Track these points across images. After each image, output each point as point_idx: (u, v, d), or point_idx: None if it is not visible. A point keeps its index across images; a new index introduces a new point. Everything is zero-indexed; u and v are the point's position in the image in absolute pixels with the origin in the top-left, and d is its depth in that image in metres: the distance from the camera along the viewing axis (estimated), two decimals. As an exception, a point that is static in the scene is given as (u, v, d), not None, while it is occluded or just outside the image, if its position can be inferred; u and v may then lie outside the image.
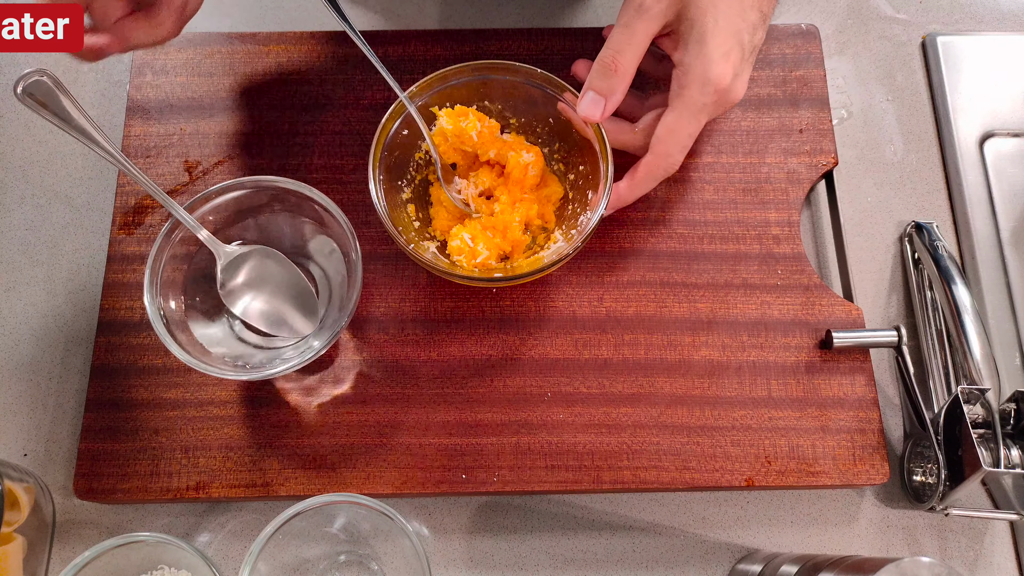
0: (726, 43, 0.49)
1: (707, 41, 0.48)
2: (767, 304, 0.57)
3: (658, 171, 0.53)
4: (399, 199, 0.56)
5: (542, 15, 0.69)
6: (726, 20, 0.49)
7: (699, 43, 0.49)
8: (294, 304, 0.54)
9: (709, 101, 0.50)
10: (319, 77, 0.62)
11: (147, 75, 0.62)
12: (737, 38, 0.49)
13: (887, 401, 0.57)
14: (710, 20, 0.48)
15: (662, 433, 0.54)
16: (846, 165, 0.64)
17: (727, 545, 0.54)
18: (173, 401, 0.54)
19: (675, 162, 0.52)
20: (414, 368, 0.55)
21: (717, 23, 0.49)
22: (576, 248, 0.51)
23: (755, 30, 0.51)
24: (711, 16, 0.48)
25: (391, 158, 0.55)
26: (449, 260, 0.55)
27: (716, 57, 0.49)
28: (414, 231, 0.56)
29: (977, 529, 0.55)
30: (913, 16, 0.69)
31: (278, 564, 0.48)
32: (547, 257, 0.55)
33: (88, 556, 0.45)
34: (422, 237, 0.56)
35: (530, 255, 0.56)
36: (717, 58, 0.49)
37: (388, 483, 0.52)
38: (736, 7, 0.49)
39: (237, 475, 0.52)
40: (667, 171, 0.53)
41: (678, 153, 0.52)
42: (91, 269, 0.60)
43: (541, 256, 0.55)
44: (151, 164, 0.60)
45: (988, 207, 0.62)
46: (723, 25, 0.49)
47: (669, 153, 0.52)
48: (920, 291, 0.59)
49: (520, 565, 0.54)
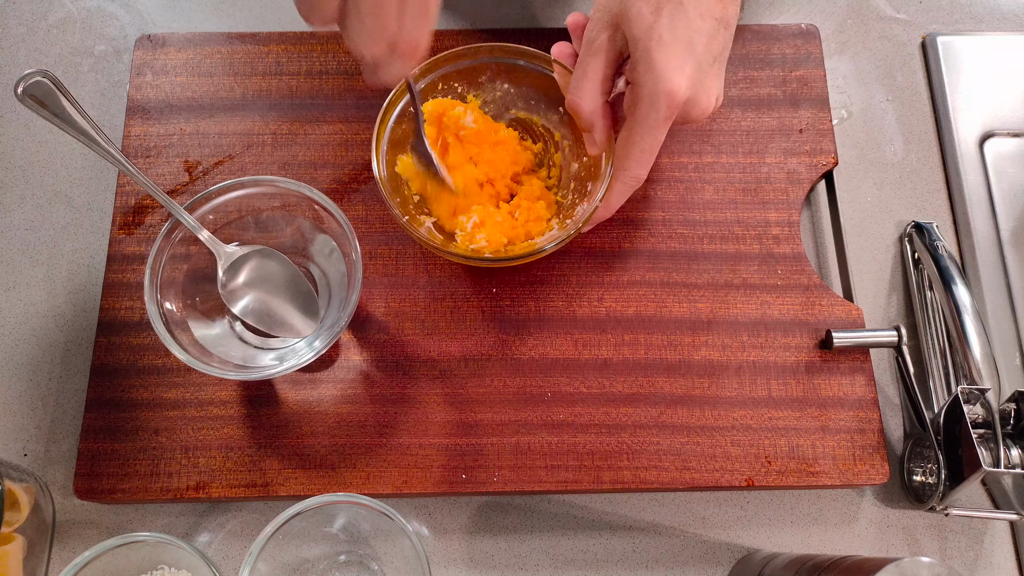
0: (676, 57, 0.47)
1: (653, 57, 0.47)
2: (767, 304, 0.57)
3: (622, 186, 0.53)
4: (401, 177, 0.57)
5: (543, 15, 0.69)
6: (672, 34, 0.47)
7: (646, 60, 0.48)
8: (294, 304, 0.54)
9: (662, 116, 0.49)
10: (319, 77, 0.62)
11: (147, 75, 0.62)
12: (689, 49, 0.48)
13: (887, 401, 0.57)
14: (654, 37, 0.47)
15: (662, 433, 0.54)
16: (846, 165, 0.64)
17: (727, 545, 0.54)
18: (173, 401, 0.54)
19: (636, 175, 0.52)
20: (414, 368, 0.55)
21: (662, 38, 0.47)
22: (569, 236, 0.52)
23: (711, 38, 0.49)
24: (655, 33, 0.47)
25: (398, 130, 0.55)
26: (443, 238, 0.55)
27: (666, 72, 0.47)
28: (412, 205, 0.56)
29: (977, 529, 0.55)
30: (913, 16, 0.69)
31: (278, 564, 0.48)
32: (539, 242, 0.55)
33: (88, 556, 0.44)
34: (420, 212, 0.57)
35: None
36: (667, 73, 0.47)
37: (388, 483, 0.52)
38: (682, 18, 0.48)
39: (237, 475, 0.52)
40: (631, 184, 0.53)
41: (636, 167, 0.52)
42: (91, 269, 0.60)
43: (534, 241, 0.55)
44: (151, 164, 0.60)
45: (988, 207, 0.62)
46: (669, 39, 0.47)
47: (626, 168, 0.52)
48: (920, 291, 0.59)
49: (520, 565, 0.54)
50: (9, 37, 0.67)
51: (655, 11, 0.48)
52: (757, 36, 0.64)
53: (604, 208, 0.54)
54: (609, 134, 0.52)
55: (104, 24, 0.68)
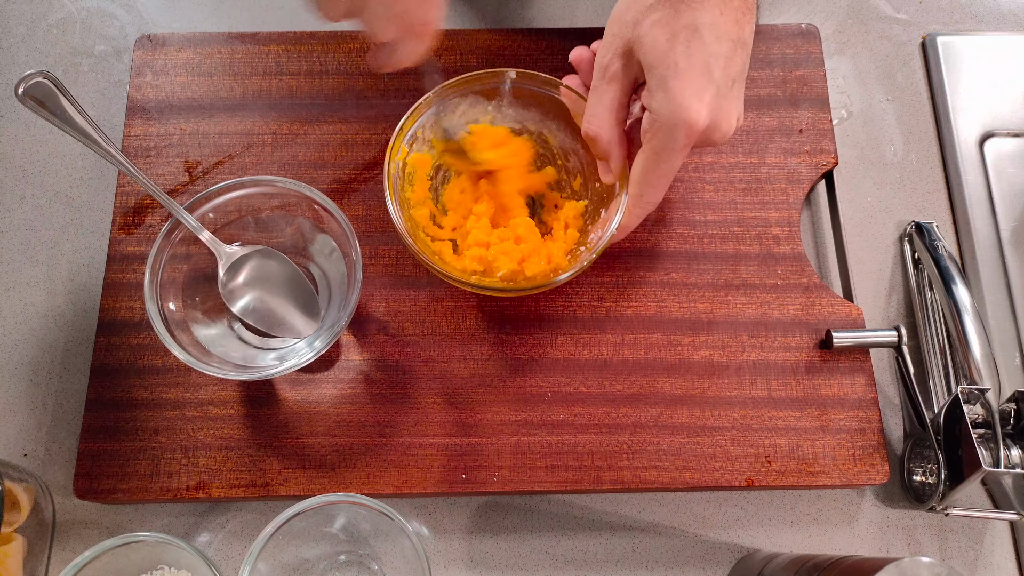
0: (694, 83, 0.46)
1: (670, 86, 0.46)
2: (767, 304, 0.57)
3: (639, 211, 0.52)
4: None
5: (542, 15, 0.69)
6: (687, 60, 0.46)
7: (663, 89, 0.46)
8: (295, 304, 0.54)
9: (680, 145, 0.47)
10: (319, 77, 0.62)
11: (147, 75, 0.62)
12: (707, 76, 0.46)
13: (887, 401, 0.57)
14: (670, 65, 0.46)
15: (662, 433, 0.54)
16: (846, 165, 0.64)
17: (727, 545, 0.54)
18: (173, 401, 0.54)
19: (653, 201, 0.51)
20: (414, 368, 0.55)
21: (678, 66, 0.46)
22: (582, 267, 0.51)
23: (729, 61, 0.47)
24: (671, 60, 0.46)
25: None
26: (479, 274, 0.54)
27: (684, 100, 0.46)
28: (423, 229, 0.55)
29: (977, 529, 0.55)
30: (913, 16, 0.69)
31: (278, 564, 0.48)
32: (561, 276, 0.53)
33: (88, 556, 0.44)
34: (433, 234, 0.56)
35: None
36: (686, 101, 0.46)
37: (388, 483, 0.52)
38: (698, 44, 0.46)
39: (237, 475, 0.52)
40: (648, 209, 0.52)
41: (653, 193, 0.51)
42: (91, 269, 0.60)
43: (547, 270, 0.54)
44: (151, 164, 0.60)
45: (988, 207, 0.62)
46: (685, 66, 0.46)
47: (643, 194, 0.51)
48: (920, 291, 0.59)
49: (520, 565, 0.54)
50: (9, 37, 0.67)
51: (671, 38, 0.46)
52: (757, 36, 0.63)
53: (619, 232, 0.52)
54: (625, 163, 0.51)
55: (104, 24, 0.68)
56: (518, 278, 0.53)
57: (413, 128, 0.54)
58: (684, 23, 0.46)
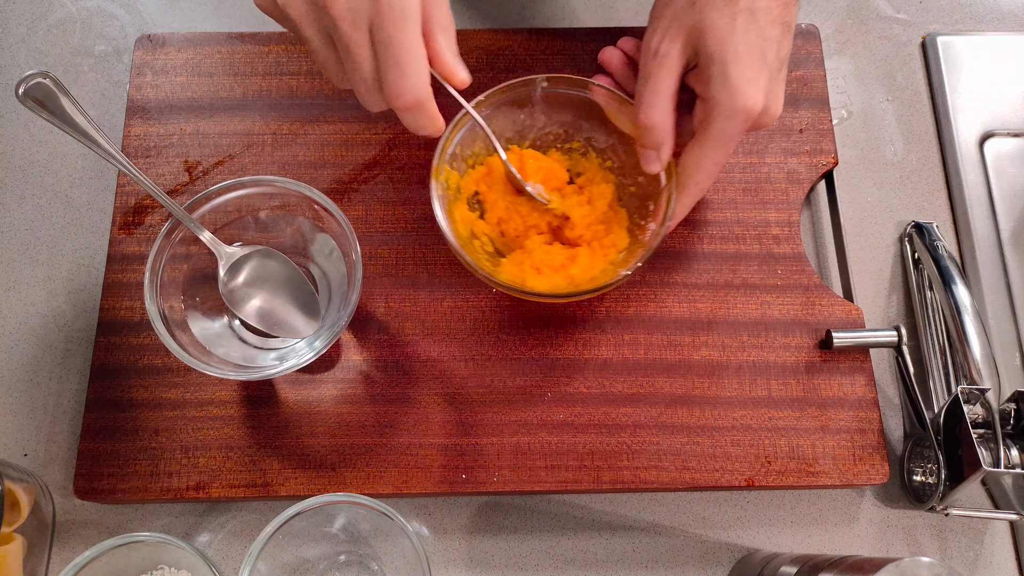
0: (750, 68, 0.46)
1: (730, 73, 0.46)
2: (767, 304, 0.57)
3: (691, 199, 0.52)
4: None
5: (542, 15, 0.69)
6: (746, 45, 0.46)
7: (722, 76, 0.46)
8: (295, 304, 0.54)
9: (737, 131, 0.48)
10: (319, 77, 0.62)
11: (147, 75, 0.62)
12: (762, 60, 0.47)
13: (887, 401, 0.57)
14: (730, 50, 0.46)
15: (662, 433, 0.54)
16: (846, 165, 0.64)
17: (727, 545, 0.54)
18: (173, 401, 0.54)
19: (705, 187, 0.52)
20: (414, 368, 0.55)
21: (738, 51, 0.46)
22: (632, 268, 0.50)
23: (780, 44, 0.48)
24: (730, 45, 0.46)
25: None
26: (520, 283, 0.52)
27: (742, 87, 0.46)
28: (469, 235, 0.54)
29: (977, 529, 0.55)
30: (913, 16, 0.69)
31: (278, 564, 0.48)
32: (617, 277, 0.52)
33: (88, 556, 0.44)
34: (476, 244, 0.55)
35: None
36: (744, 88, 0.46)
37: (388, 483, 0.52)
38: (754, 28, 0.46)
39: (237, 475, 0.52)
40: (698, 196, 0.52)
41: (706, 180, 0.51)
42: (91, 269, 0.60)
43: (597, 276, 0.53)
44: (151, 164, 0.60)
45: (988, 207, 0.62)
46: (743, 51, 0.46)
47: (697, 182, 0.51)
48: (920, 291, 0.59)
49: (520, 565, 0.54)
50: (9, 37, 0.67)
51: (730, 21, 0.46)
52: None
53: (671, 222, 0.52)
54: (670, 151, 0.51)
55: (104, 24, 0.68)
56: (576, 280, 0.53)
57: (451, 148, 0.53)
58: (743, 6, 0.46)
